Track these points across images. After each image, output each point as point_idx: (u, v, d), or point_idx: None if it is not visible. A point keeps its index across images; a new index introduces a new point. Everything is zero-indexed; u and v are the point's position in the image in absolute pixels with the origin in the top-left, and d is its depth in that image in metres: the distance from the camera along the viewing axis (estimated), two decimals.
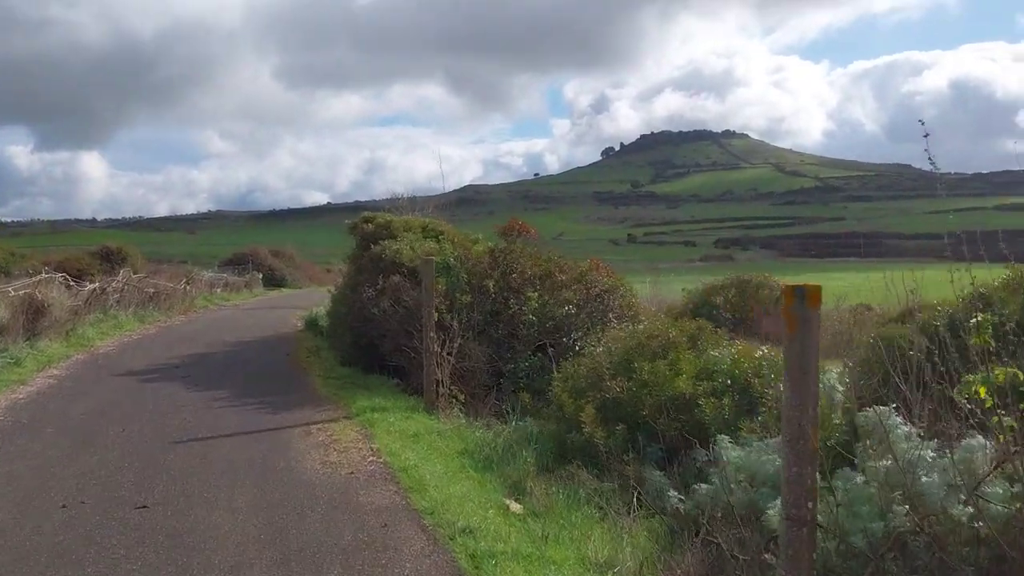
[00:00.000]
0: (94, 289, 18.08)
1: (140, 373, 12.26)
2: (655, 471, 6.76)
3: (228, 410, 9.27)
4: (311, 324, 18.98)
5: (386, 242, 12.94)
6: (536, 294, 10.64)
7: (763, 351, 8.02)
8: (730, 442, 6.65)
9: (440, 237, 13.63)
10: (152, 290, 23.58)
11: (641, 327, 8.94)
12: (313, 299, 35.94)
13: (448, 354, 9.45)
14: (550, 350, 10.57)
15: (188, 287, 28.59)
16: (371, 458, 6.97)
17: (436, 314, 9.70)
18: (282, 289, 48.00)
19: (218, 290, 36.10)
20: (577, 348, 10.64)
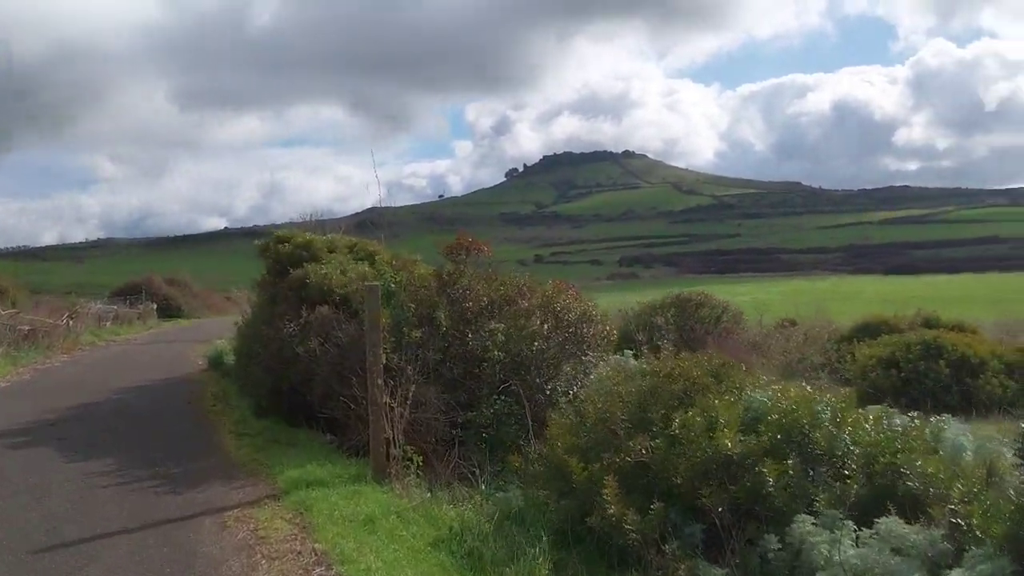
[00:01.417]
0: None
1: (1, 436, 9.76)
2: (714, 569, 5.00)
3: (113, 490, 7.04)
4: (215, 362, 16.54)
5: (309, 266, 10.86)
6: (502, 326, 8.77)
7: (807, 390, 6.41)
8: (814, 524, 4.98)
9: (374, 258, 11.63)
10: (27, 327, 20.53)
11: (646, 364, 7.20)
12: (214, 330, 32.90)
13: (400, 405, 7.48)
14: (515, 393, 8.73)
15: (71, 322, 25.42)
16: (318, 570, 4.94)
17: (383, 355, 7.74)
18: (179, 320, 44.48)
19: (108, 324, 32.69)
20: (549, 389, 8.83)
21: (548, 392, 8.80)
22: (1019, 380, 13.80)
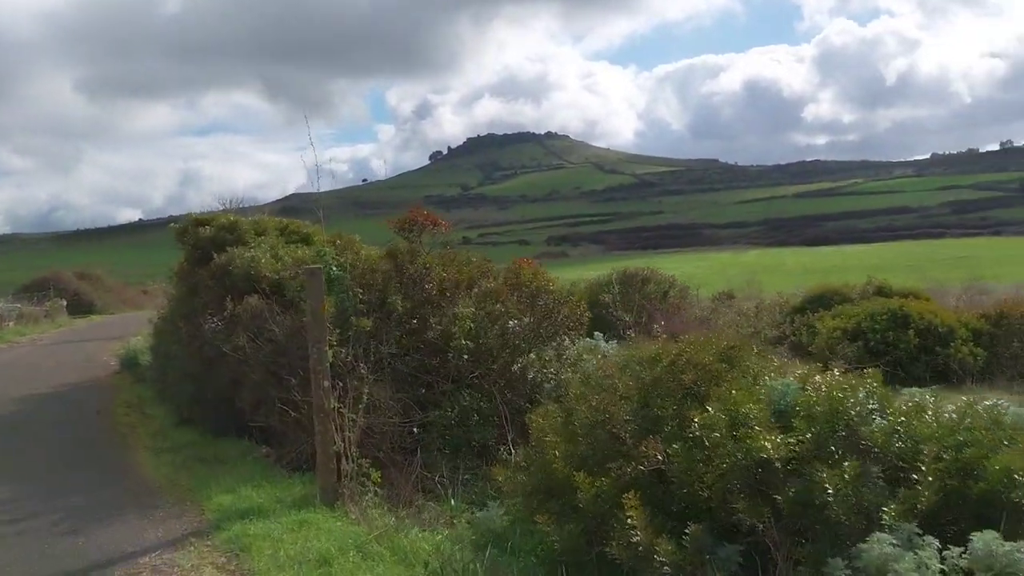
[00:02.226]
0: None
1: None
2: None
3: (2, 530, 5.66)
4: (129, 363, 14.90)
5: (235, 249, 9.48)
6: (471, 310, 7.62)
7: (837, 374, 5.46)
8: (894, 544, 4.02)
9: (310, 240, 10.31)
10: None
11: (643, 349, 6.15)
12: (129, 326, 30.62)
13: (352, 410, 6.28)
14: (484, 387, 7.63)
15: None
16: None
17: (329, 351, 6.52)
18: (91, 316, 41.74)
19: (10, 324, 30.19)
20: (529, 379, 7.76)
21: (527, 383, 7.71)
22: (987, 348, 13.36)
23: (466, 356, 7.67)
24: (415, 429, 7.29)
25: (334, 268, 8.03)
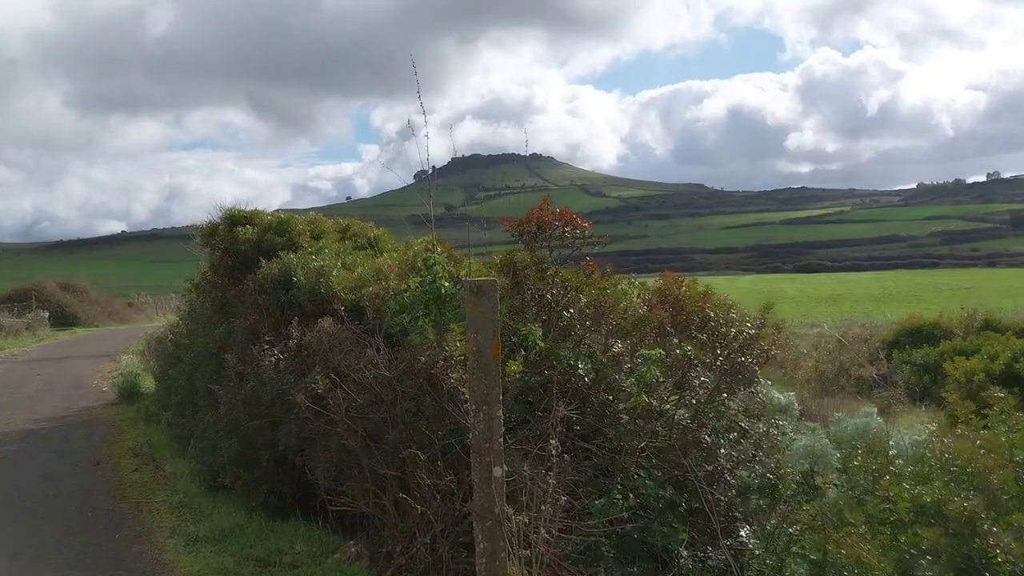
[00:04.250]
0: None
1: None
2: None
3: None
4: (128, 391, 12.40)
5: (290, 256, 7.11)
6: (657, 351, 5.26)
7: None
8: None
9: (376, 246, 7.98)
10: None
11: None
12: (117, 341, 27.98)
13: (526, 515, 3.92)
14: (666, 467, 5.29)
15: None
16: None
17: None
18: (75, 330, 38.93)
19: None
20: (722, 455, 5.44)
21: (718, 460, 5.37)
22: None
23: (639, 421, 5.33)
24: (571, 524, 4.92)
25: (445, 283, 5.73)
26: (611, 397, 5.38)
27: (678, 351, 5.61)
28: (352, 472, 5.27)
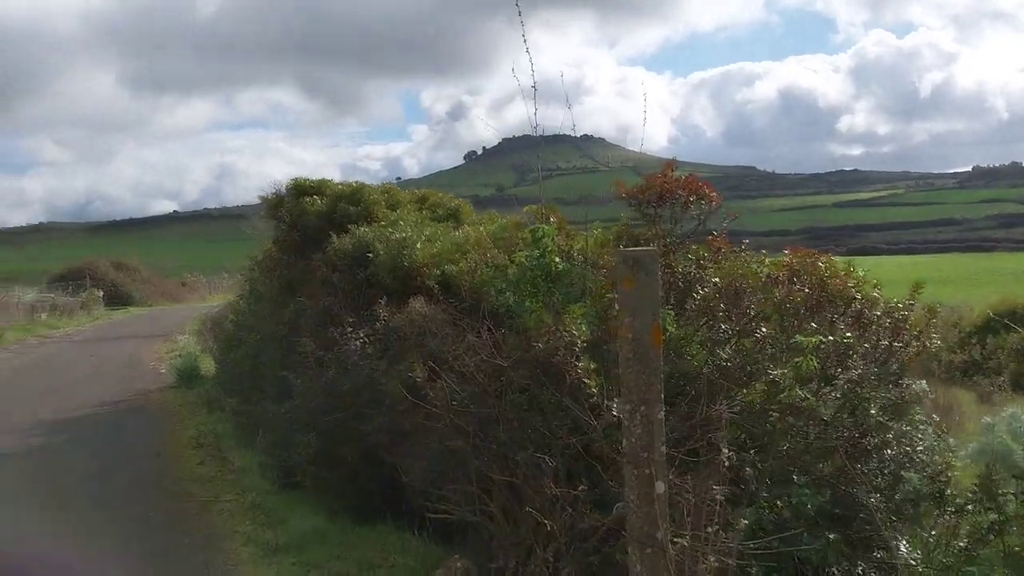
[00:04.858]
0: None
1: None
2: None
3: None
4: (186, 375, 11.87)
5: (365, 229, 6.39)
6: (815, 339, 4.40)
7: None
8: None
9: (457, 217, 7.23)
10: None
11: None
12: (172, 321, 27.78)
13: (703, 540, 3.12)
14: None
15: None
16: None
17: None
18: (129, 309, 39.08)
19: (42, 315, 27.50)
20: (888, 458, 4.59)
21: (886, 466, 4.51)
22: None
23: (790, 418, 4.48)
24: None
25: (556, 259, 4.94)
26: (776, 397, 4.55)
27: (832, 338, 4.74)
28: (455, 474, 4.53)
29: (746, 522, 3.54)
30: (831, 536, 4.20)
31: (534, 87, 4.81)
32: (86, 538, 5.27)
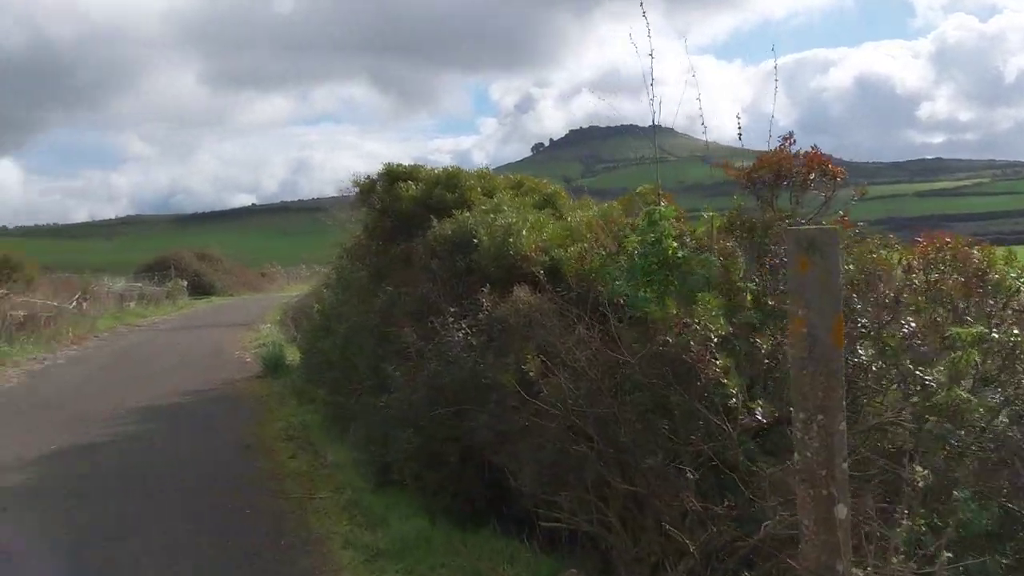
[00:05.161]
0: None
1: None
2: None
3: None
4: (273, 364, 11.83)
5: (467, 214, 6.08)
6: (976, 330, 3.90)
7: None
8: None
9: (553, 203, 6.87)
10: (22, 313, 16.02)
11: None
12: (253, 310, 28.23)
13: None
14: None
15: (84, 305, 20.96)
16: None
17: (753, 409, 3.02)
18: (212, 298, 39.98)
19: (131, 304, 28.24)
20: None
21: None
22: None
23: (947, 424, 3.98)
24: None
25: (673, 244, 4.53)
26: (911, 392, 4.07)
27: (995, 334, 4.21)
28: (569, 479, 4.17)
29: (949, 555, 3.07)
30: (1002, 560, 3.72)
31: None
32: (182, 535, 5.11)
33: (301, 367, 10.69)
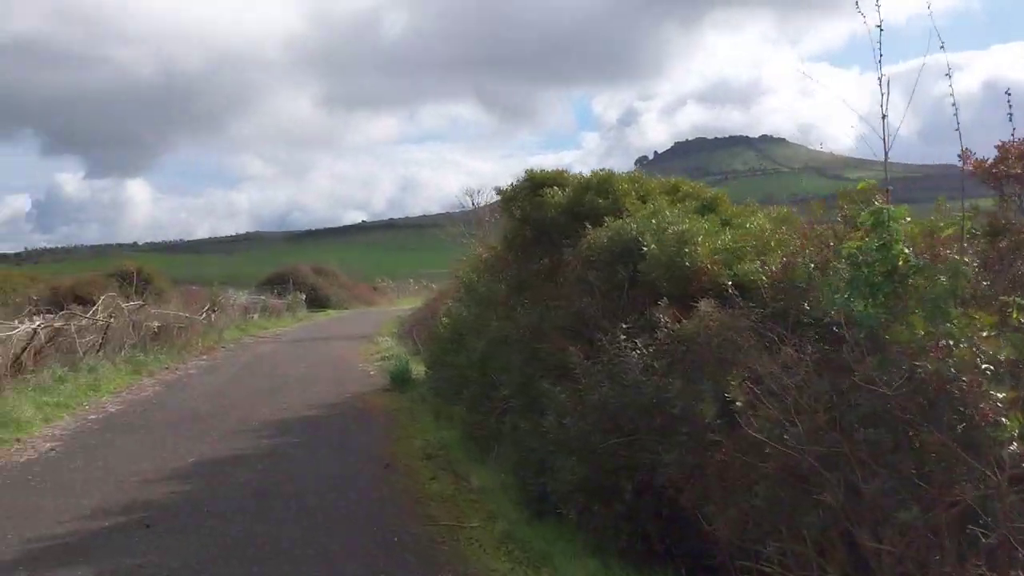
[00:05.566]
0: (33, 334, 10.90)
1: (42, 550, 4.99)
2: None
3: None
4: (399, 378, 11.60)
5: (624, 221, 5.55)
6: None
7: None
8: None
9: (714, 208, 6.27)
10: (156, 324, 16.45)
11: None
12: (369, 323, 28.56)
13: None
14: None
15: (213, 315, 21.52)
16: None
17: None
18: (328, 311, 40.89)
19: (255, 316, 29.04)
20: None
21: None
22: None
23: None
24: None
25: (906, 252, 3.86)
26: None
27: None
28: (780, 526, 3.56)
29: None
30: None
31: None
32: (332, 563, 4.74)
33: (429, 381, 10.39)
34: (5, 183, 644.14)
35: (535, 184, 7.02)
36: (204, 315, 20.39)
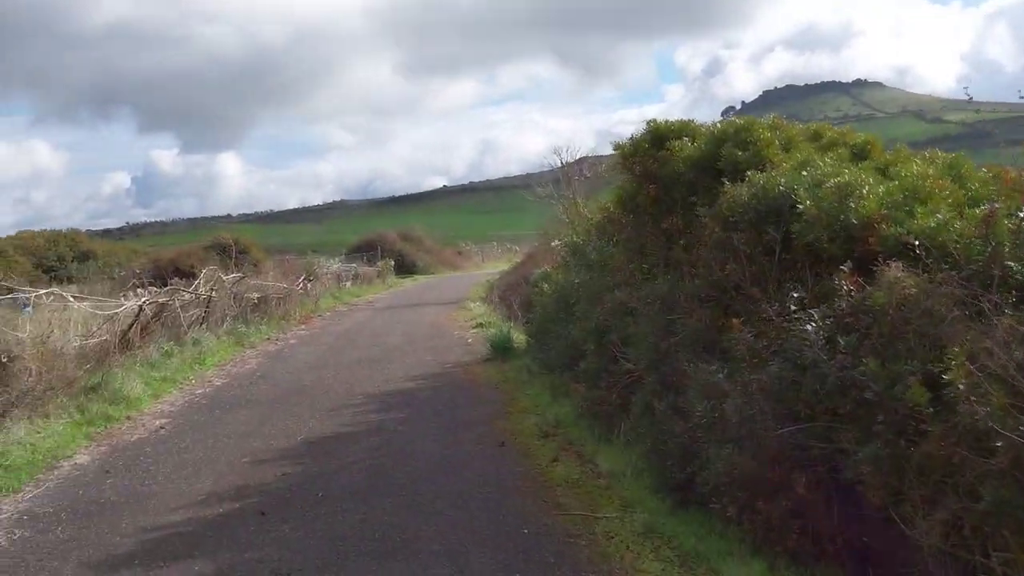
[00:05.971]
0: (139, 311, 10.91)
1: (142, 552, 4.77)
2: None
3: None
4: (500, 347, 11.22)
5: (770, 174, 4.90)
6: None
7: None
8: None
9: (866, 155, 5.55)
10: (256, 295, 16.52)
11: None
12: (457, 288, 28.34)
13: None
14: None
15: (308, 285, 21.64)
16: None
17: None
18: (416, 277, 41.01)
19: (347, 284, 29.22)
20: None
21: None
22: None
23: None
24: None
25: None
26: None
27: None
28: (1006, 533, 2.96)
29: None
30: None
31: None
32: (461, 559, 4.35)
33: (533, 351, 9.96)
34: (108, 162, 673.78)
35: (658, 136, 6.39)
36: (300, 285, 20.47)
